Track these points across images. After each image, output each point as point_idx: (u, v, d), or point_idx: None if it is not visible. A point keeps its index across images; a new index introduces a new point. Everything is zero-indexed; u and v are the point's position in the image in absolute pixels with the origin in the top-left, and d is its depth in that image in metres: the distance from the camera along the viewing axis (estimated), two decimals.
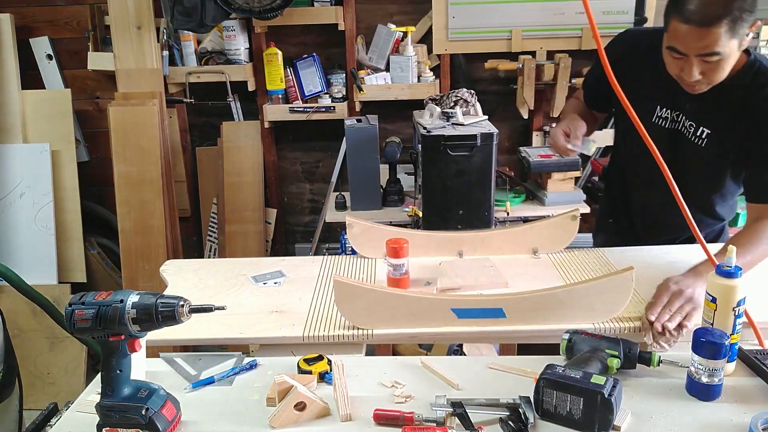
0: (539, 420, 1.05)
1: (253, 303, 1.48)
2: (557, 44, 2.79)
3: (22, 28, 2.89)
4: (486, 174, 2.42)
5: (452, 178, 1.97)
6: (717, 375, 1.07)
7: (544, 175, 2.68)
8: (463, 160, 1.96)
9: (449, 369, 1.19)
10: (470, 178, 1.97)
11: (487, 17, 1.64)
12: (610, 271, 1.44)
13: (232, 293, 1.53)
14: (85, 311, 0.99)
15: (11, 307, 2.65)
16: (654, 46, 1.48)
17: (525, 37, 2.74)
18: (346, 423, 1.06)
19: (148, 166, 2.69)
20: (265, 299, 1.49)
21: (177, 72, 2.82)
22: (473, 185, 1.96)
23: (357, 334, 1.30)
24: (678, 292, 1.30)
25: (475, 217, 2.02)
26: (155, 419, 1.01)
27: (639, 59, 1.59)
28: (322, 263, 1.69)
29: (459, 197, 2.00)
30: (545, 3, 2.73)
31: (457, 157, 1.95)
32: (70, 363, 2.83)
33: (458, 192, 1.99)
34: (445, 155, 1.95)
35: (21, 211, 2.81)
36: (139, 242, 2.73)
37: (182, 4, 2.53)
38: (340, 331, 1.31)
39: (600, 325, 1.31)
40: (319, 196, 3.16)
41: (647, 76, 1.56)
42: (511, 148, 2.99)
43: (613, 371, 1.12)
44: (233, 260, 1.79)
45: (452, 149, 1.94)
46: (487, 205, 2.42)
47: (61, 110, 2.83)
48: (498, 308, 1.29)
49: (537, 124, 2.93)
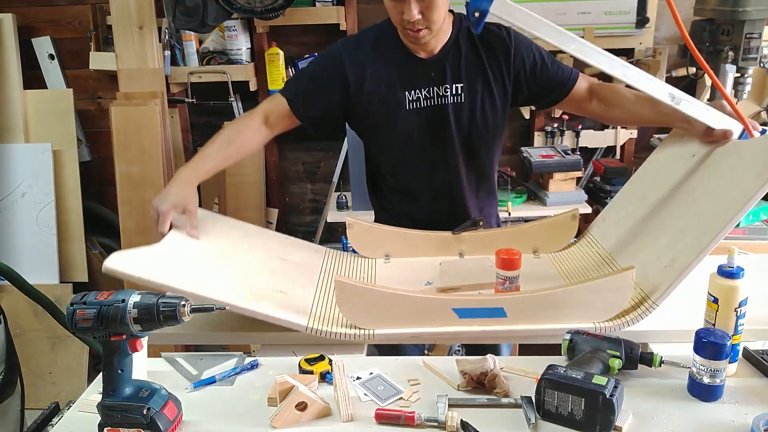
0: (540, 420, 1.05)
1: (259, 272, 1.46)
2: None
3: (24, 28, 2.90)
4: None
5: None
6: (719, 376, 1.07)
7: (546, 176, 2.68)
8: None
9: (451, 369, 1.19)
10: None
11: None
12: (610, 271, 1.44)
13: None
14: (87, 311, 0.99)
15: (13, 306, 2.65)
16: (375, 40, 1.60)
17: None
18: (347, 423, 1.06)
19: (149, 166, 2.69)
20: (270, 277, 1.47)
21: (179, 72, 2.82)
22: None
23: (358, 333, 1.30)
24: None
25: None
26: (156, 419, 1.01)
27: (367, 59, 1.59)
28: (325, 255, 1.69)
29: None
30: (546, 3, 2.73)
31: None
32: (72, 363, 2.83)
33: None
34: None
35: (22, 210, 2.82)
36: (141, 242, 2.65)
37: (184, 4, 2.53)
38: (342, 329, 1.30)
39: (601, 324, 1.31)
40: (321, 196, 3.16)
41: (382, 70, 1.57)
42: (512, 148, 2.99)
43: (614, 372, 1.12)
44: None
45: None
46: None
47: (62, 110, 2.83)
48: (499, 308, 1.29)
49: (538, 124, 2.93)
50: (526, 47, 1.62)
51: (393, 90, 1.59)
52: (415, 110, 1.61)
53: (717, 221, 1.23)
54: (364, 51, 1.60)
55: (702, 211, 1.33)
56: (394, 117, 1.61)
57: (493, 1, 1.23)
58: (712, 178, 1.39)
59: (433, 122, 1.62)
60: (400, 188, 1.75)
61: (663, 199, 1.50)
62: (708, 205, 1.32)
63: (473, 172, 1.71)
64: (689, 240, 1.28)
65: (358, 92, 1.59)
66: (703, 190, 1.39)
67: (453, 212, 1.73)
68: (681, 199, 1.44)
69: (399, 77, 1.58)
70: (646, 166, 1.69)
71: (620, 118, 1.69)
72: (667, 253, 1.32)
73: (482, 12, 1.25)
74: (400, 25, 1.50)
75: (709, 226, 1.25)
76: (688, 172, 1.47)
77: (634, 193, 1.66)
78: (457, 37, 1.60)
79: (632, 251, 1.47)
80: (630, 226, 1.55)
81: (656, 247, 1.38)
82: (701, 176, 1.43)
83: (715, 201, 1.30)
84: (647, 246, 1.43)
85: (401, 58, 1.59)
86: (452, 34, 1.60)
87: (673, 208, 1.44)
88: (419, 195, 1.73)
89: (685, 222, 1.35)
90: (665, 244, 1.36)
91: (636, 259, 1.42)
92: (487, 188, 1.78)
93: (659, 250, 1.36)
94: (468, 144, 1.66)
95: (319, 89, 1.60)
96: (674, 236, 1.35)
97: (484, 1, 1.24)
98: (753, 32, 2.30)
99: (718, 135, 1.42)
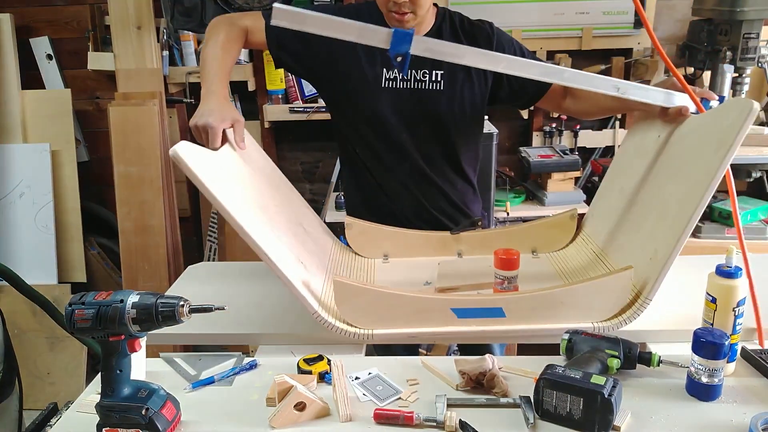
0: (539, 420, 1.05)
1: (286, 232, 1.43)
2: (557, 44, 2.79)
3: (22, 28, 2.89)
4: (486, 174, 2.43)
5: None
6: (717, 375, 1.07)
7: (544, 175, 2.69)
8: None
9: (449, 369, 1.19)
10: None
11: (486, 17, 1.66)
12: (605, 268, 1.44)
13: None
14: (85, 311, 0.99)
15: (11, 307, 2.65)
16: (365, 18, 1.58)
17: (525, 38, 2.75)
18: (346, 423, 1.06)
19: (148, 166, 2.69)
20: (295, 242, 1.44)
21: (177, 72, 2.82)
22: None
23: (358, 333, 1.30)
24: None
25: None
26: (155, 419, 1.01)
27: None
28: (333, 242, 1.69)
29: None
30: (545, 3, 2.73)
31: None
32: (70, 363, 2.83)
33: None
34: None
35: (21, 211, 2.82)
36: (139, 242, 2.73)
37: (182, 4, 2.53)
38: (344, 326, 1.30)
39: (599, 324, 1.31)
40: (319, 196, 3.16)
41: (361, 46, 1.55)
42: (511, 148, 2.99)
43: (613, 371, 1.12)
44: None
45: None
46: (486, 205, 2.43)
47: (61, 110, 2.83)
48: (498, 308, 1.29)
49: (537, 124, 2.93)
50: (508, 41, 1.66)
51: (372, 64, 1.62)
52: (390, 89, 1.63)
53: (687, 206, 1.20)
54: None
55: (672, 195, 1.30)
56: (368, 91, 1.62)
57: (411, 44, 1.29)
58: (677, 159, 1.35)
59: (407, 104, 1.64)
60: (370, 172, 1.75)
61: (637, 187, 1.48)
62: (676, 189, 1.29)
63: (447, 162, 1.72)
64: (665, 228, 1.25)
65: (340, 56, 1.60)
66: (670, 173, 1.36)
67: (424, 204, 1.73)
68: (653, 184, 1.42)
69: (380, 53, 1.55)
70: (619, 154, 1.68)
71: (590, 110, 1.71)
72: (650, 245, 1.30)
73: (404, 55, 1.31)
74: (386, 7, 1.53)
75: (681, 212, 1.21)
76: (655, 155, 1.45)
77: (613, 183, 1.64)
78: (440, 27, 1.64)
79: (619, 246, 1.46)
80: (614, 219, 1.53)
81: (639, 239, 1.37)
82: (667, 158, 1.40)
83: (682, 184, 1.27)
84: (631, 239, 1.42)
85: None
86: (434, 25, 1.65)
87: (647, 196, 1.42)
88: (387, 182, 1.73)
89: (660, 209, 1.33)
90: (646, 235, 1.34)
91: (623, 253, 1.41)
92: (465, 182, 1.78)
93: (642, 241, 1.35)
94: (442, 132, 1.67)
95: (301, 36, 1.55)
96: (653, 225, 1.33)
97: (402, 45, 1.29)
98: (751, 32, 2.30)
99: (674, 114, 1.40)
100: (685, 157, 1.32)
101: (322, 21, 1.32)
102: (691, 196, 1.20)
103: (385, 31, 1.30)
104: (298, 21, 1.31)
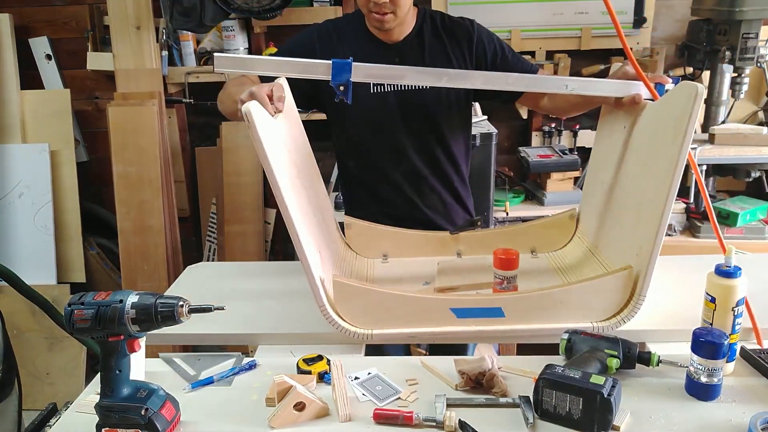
0: (538, 420, 1.05)
1: (311, 217, 1.41)
2: (556, 44, 2.79)
3: (21, 28, 2.89)
4: (485, 174, 2.43)
5: None
6: (716, 375, 1.07)
7: (544, 175, 2.69)
8: None
9: (449, 369, 1.19)
10: (470, 178, 1.96)
11: (486, 17, 1.66)
12: (603, 267, 1.44)
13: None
14: (85, 311, 0.99)
15: (10, 307, 2.65)
16: (343, 26, 1.68)
17: (524, 37, 2.75)
18: (345, 423, 1.06)
19: (147, 166, 2.69)
20: (316, 229, 1.41)
21: (176, 72, 2.82)
22: (472, 185, 1.95)
23: (357, 332, 1.30)
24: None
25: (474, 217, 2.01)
26: (154, 419, 1.01)
27: (336, 42, 1.66)
28: (340, 238, 1.70)
29: None
30: (544, 3, 2.73)
31: None
32: (69, 363, 2.83)
33: None
34: None
35: (20, 211, 2.81)
36: (138, 242, 2.73)
37: (181, 4, 2.53)
38: (346, 325, 1.30)
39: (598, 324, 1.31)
40: None
41: (348, 53, 1.54)
42: (510, 148, 2.99)
43: (612, 371, 1.12)
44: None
45: None
46: (486, 204, 2.43)
47: (60, 110, 2.83)
48: (497, 308, 1.29)
49: (536, 124, 2.93)
50: (488, 37, 1.68)
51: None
52: (378, 94, 1.66)
53: (658, 198, 1.20)
54: (335, 35, 1.67)
55: (645, 188, 1.30)
56: (356, 101, 1.58)
57: (350, 74, 1.37)
58: (643, 151, 1.35)
59: (397, 107, 1.66)
60: (365, 177, 1.77)
61: (615, 181, 1.48)
62: (646, 181, 1.29)
63: (440, 155, 1.73)
64: (645, 222, 1.25)
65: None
66: (639, 165, 1.36)
67: (418, 205, 1.75)
68: (628, 177, 1.42)
69: (365, 61, 1.55)
70: (595, 147, 1.68)
71: (564, 107, 1.72)
72: (634, 239, 1.30)
73: (345, 84, 1.37)
74: (366, 8, 1.55)
75: (654, 205, 1.21)
76: (624, 146, 1.45)
77: (596, 177, 1.64)
78: (421, 27, 1.67)
79: (608, 242, 1.47)
80: (600, 213, 1.53)
81: (624, 234, 1.37)
82: (635, 149, 1.40)
83: (650, 176, 1.27)
84: (617, 234, 1.42)
85: (367, 44, 1.66)
86: (415, 26, 1.67)
87: (625, 189, 1.42)
88: (381, 186, 1.74)
89: (637, 201, 1.32)
90: (629, 230, 1.34)
91: (612, 249, 1.42)
92: (458, 176, 1.79)
93: (627, 236, 1.35)
94: (432, 126, 1.69)
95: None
96: (634, 219, 1.33)
97: (343, 75, 1.37)
98: (750, 32, 2.31)
99: (628, 102, 1.40)
100: (649, 148, 1.32)
101: (263, 63, 1.40)
102: (660, 188, 1.21)
103: (324, 64, 1.36)
104: (240, 65, 1.39)
